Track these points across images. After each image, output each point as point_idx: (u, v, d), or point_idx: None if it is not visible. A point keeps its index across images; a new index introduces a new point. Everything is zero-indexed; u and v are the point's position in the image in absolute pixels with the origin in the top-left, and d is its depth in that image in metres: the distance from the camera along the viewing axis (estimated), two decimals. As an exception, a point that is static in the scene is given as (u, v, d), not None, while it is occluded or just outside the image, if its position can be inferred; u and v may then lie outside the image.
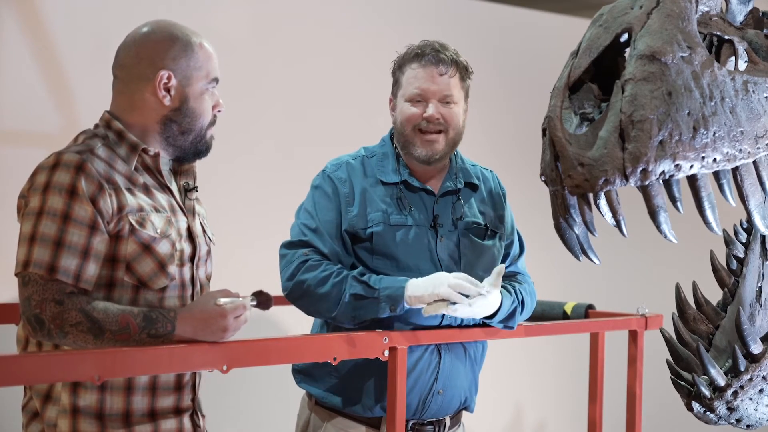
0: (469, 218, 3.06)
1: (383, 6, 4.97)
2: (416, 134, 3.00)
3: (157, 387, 2.50)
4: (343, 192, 3.01)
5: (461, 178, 3.10)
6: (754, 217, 2.45)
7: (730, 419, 2.62)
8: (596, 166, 2.16)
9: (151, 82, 2.50)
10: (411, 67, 3.01)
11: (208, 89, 2.56)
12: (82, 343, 2.31)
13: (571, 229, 2.36)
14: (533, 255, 3.36)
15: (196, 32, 2.59)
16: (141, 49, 2.52)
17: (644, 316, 3.45)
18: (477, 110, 3.09)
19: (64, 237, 2.32)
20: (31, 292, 2.30)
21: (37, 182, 2.38)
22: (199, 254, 2.60)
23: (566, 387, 5.56)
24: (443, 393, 3.01)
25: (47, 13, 3.94)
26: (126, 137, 2.50)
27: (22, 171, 3.88)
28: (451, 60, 3.00)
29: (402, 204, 2.99)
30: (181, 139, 2.55)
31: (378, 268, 2.95)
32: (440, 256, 3.00)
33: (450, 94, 3.00)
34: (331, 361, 2.62)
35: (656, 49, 2.20)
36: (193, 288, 2.57)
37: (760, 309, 2.69)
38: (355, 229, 2.96)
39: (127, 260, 2.41)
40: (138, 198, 2.46)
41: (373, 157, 3.09)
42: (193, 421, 2.59)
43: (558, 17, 5.74)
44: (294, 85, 4.57)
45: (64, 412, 2.41)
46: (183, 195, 2.62)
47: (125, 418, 2.45)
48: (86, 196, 2.35)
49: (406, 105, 3.01)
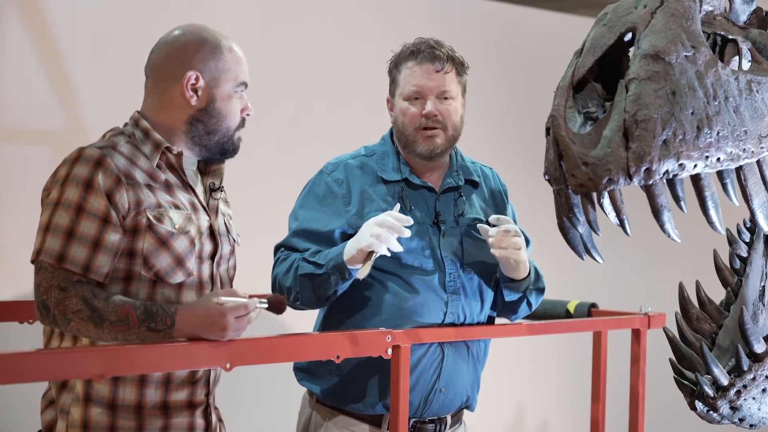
0: (471, 215, 3.07)
1: (386, 5, 4.97)
2: (417, 132, 3.00)
3: (171, 381, 2.53)
4: (340, 193, 3.01)
5: (462, 175, 3.11)
6: (758, 217, 2.45)
7: (733, 418, 2.62)
8: (600, 166, 2.16)
9: (179, 82, 2.55)
10: (407, 66, 3.02)
11: (236, 92, 2.61)
12: (85, 331, 2.35)
13: (575, 228, 2.36)
14: (536, 254, 3.36)
15: (227, 36, 2.63)
16: (171, 50, 2.57)
17: (647, 315, 3.45)
18: (481, 109, 3.10)
19: (75, 228, 2.39)
20: (41, 279, 2.38)
21: (59, 175, 2.45)
22: (220, 252, 2.64)
23: (569, 386, 5.56)
24: (445, 391, 3.01)
25: (50, 12, 3.94)
26: (151, 135, 2.55)
27: (25, 168, 3.91)
28: (447, 56, 3.01)
29: (403, 203, 3.00)
30: (206, 138, 2.59)
31: (382, 267, 2.95)
32: (443, 253, 3.00)
33: (447, 89, 3.00)
34: (334, 359, 2.62)
35: (660, 49, 2.20)
36: (212, 285, 2.61)
37: (764, 308, 2.68)
38: (355, 228, 2.96)
39: (144, 254, 2.46)
40: (157, 194, 2.51)
41: (373, 155, 3.10)
42: (206, 418, 2.61)
43: (561, 16, 5.74)
44: (296, 84, 4.57)
45: (77, 400, 2.46)
46: (208, 195, 2.66)
47: (137, 410, 2.48)
48: (102, 190, 2.40)
49: (404, 104, 3.02)
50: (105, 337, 2.36)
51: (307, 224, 2.99)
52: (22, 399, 2.61)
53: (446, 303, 2.98)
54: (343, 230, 2.97)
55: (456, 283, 3.00)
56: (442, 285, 2.98)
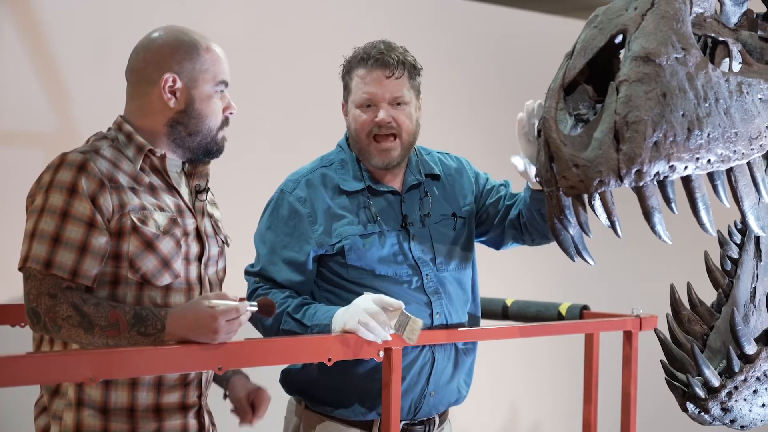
0: (436, 211, 3.05)
1: (378, 8, 4.97)
2: (371, 142, 2.96)
3: (163, 383, 2.52)
4: (304, 212, 2.96)
5: (423, 171, 3.08)
6: (748, 218, 2.45)
7: (724, 420, 2.62)
8: (591, 167, 2.16)
9: (157, 85, 2.54)
10: (357, 73, 2.98)
11: (216, 92, 2.59)
12: (75, 337, 2.35)
13: (566, 229, 2.37)
14: (528, 256, 3.36)
15: (206, 36, 2.62)
16: (148, 53, 2.57)
17: (639, 316, 3.45)
18: (473, 110, 3.10)
19: (61, 233, 2.38)
20: (30, 286, 2.37)
21: (43, 181, 2.45)
22: (208, 254, 2.63)
23: (561, 388, 5.57)
24: (435, 395, 3.01)
25: (44, 14, 3.94)
26: (134, 139, 2.54)
27: (19, 171, 3.90)
28: (397, 61, 2.95)
29: (369, 211, 2.98)
30: (188, 140, 2.58)
31: (355, 279, 2.93)
32: (416, 255, 2.98)
33: (399, 95, 2.95)
34: (326, 361, 2.61)
35: (651, 51, 2.21)
36: (201, 287, 2.60)
37: (755, 310, 2.69)
38: (324, 246, 2.93)
39: (130, 257, 2.45)
40: (141, 197, 2.50)
41: (331, 165, 3.04)
42: (199, 420, 2.61)
43: (553, 18, 5.75)
44: (289, 85, 4.57)
45: (69, 406, 2.45)
46: (194, 196, 2.65)
47: (130, 414, 2.47)
48: (86, 194, 2.40)
49: (357, 111, 2.98)
50: (96, 343, 2.35)
51: (281, 252, 2.95)
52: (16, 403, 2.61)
53: (429, 304, 2.98)
54: (315, 253, 2.93)
55: (434, 283, 2.99)
56: (421, 288, 2.97)
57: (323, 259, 2.96)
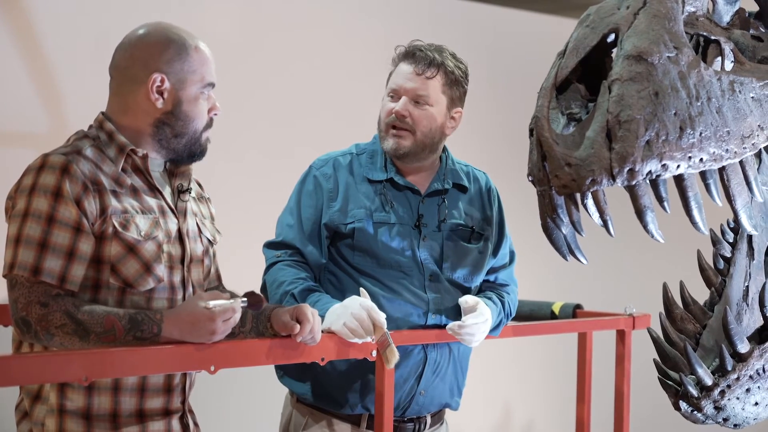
0: (454, 220, 3.06)
1: (373, 10, 4.97)
2: (388, 129, 3.01)
3: (146, 388, 2.49)
4: (327, 188, 3.01)
5: (449, 179, 3.10)
6: (741, 217, 2.45)
7: (717, 418, 2.63)
8: (583, 166, 2.16)
9: (144, 84, 2.48)
10: (397, 64, 3.05)
11: (203, 93, 2.54)
12: (69, 344, 2.30)
13: (559, 229, 2.36)
14: (521, 255, 3.36)
15: (193, 35, 2.56)
16: (135, 51, 2.50)
17: (632, 315, 3.46)
18: (466, 110, 3.10)
19: (48, 239, 2.32)
20: (18, 294, 2.30)
21: (24, 184, 2.38)
22: (190, 256, 2.58)
23: (554, 386, 5.57)
24: (424, 394, 3.02)
25: (37, 14, 3.93)
26: (116, 138, 2.48)
27: (10, 171, 3.88)
28: (431, 61, 2.98)
29: (385, 200, 3.00)
30: (174, 141, 2.53)
31: (359, 265, 2.96)
32: (421, 255, 2.99)
33: (424, 94, 2.98)
34: (319, 361, 2.61)
35: (643, 50, 2.20)
36: (184, 291, 2.56)
37: (747, 308, 2.69)
38: (336, 224, 2.96)
39: (112, 262, 2.40)
40: (123, 200, 2.44)
41: (363, 154, 3.10)
42: (182, 423, 2.58)
43: (546, 17, 5.75)
44: (284, 89, 4.57)
45: (51, 412, 2.41)
46: (176, 197, 2.60)
47: (112, 419, 2.44)
48: (71, 198, 2.34)
49: (385, 99, 3.05)
50: (89, 349, 2.30)
51: (305, 223, 3.00)
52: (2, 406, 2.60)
53: (427, 303, 2.98)
54: (325, 223, 2.98)
55: (436, 285, 3.00)
56: (422, 287, 2.98)
57: (334, 239, 3.00)
